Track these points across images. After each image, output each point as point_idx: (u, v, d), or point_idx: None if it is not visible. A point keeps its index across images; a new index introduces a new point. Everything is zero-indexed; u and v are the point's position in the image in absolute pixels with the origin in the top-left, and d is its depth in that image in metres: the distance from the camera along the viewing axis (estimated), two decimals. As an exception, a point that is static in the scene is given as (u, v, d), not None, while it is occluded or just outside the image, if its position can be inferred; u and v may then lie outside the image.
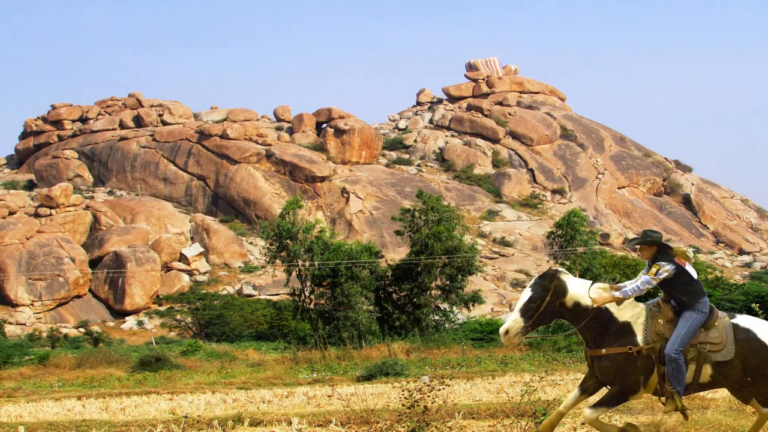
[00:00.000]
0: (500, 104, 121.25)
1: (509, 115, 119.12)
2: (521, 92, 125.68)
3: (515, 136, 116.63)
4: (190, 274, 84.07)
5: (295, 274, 51.73)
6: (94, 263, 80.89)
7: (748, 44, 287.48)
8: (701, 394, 15.25)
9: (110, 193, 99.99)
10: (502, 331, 10.75)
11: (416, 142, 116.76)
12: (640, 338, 10.60)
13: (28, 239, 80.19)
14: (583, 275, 48.52)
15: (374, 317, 50.06)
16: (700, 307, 10.66)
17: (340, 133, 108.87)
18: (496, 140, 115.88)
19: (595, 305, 10.65)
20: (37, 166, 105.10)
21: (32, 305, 75.70)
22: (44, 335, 66.48)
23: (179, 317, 69.90)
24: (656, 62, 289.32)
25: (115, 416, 19.11)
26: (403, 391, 12.56)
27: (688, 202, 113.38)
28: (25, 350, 46.70)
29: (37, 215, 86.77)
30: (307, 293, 51.27)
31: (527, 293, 10.77)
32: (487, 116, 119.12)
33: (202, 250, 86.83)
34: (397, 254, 73.28)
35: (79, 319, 75.21)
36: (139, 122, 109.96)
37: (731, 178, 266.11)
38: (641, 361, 10.54)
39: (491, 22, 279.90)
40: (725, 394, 13.31)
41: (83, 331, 71.37)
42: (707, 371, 10.59)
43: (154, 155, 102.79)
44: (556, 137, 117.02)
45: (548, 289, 10.71)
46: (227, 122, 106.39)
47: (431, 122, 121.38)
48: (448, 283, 52.11)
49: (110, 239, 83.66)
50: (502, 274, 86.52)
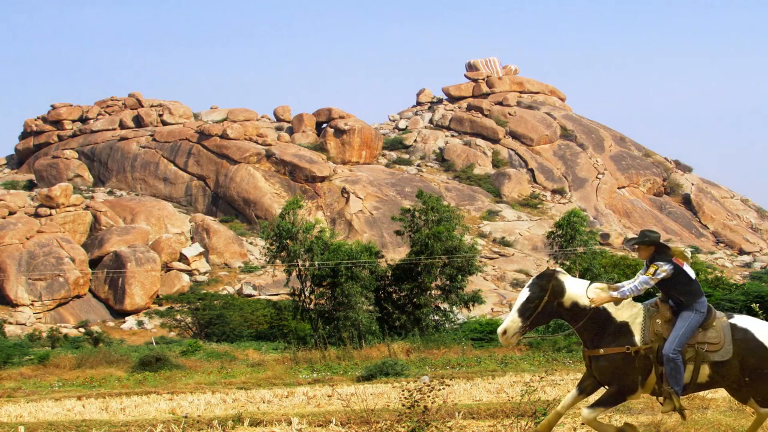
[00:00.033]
0: (500, 104, 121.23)
1: (509, 115, 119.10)
2: (521, 92, 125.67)
3: (515, 136, 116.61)
4: (190, 274, 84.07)
5: (295, 274, 51.71)
6: (94, 263, 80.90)
7: (748, 44, 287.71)
8: (701, 394, 15.24)
9: (110, 193, 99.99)
10: (500, 331, 10.76)
11: (416, 142, 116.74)
12: (638, 338, 10.60)
13: (28, 239, 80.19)
14: (583, 275, 48.51)
15: (374, 317, 50.03)
16: (698, 307, 10.65)
17: (340, 133, 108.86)
18: (496, 140, 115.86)
19: (593, 305, 10.65)
20: (37, 166, 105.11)
21: (32, 305, 75.70)
22: (44, 335, 66.48)
23: (179, 317, 69.88)
24: (656, 62, 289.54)
25: (115, 416, 19.11)
26: (403, 391, 12.55)
27: (688, 202, 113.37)
28: (25, 350, 46.68)
29: (37, 215, 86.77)
30: (307, 293, 51.24)
31: (525, 293, 10.77)
32: (487, 116, 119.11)
33: (202, 250, 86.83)
34: (397, 254, 73.27)
35: (79, 319, 75.22)
36: (139, 122, 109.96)
37: (731, 178, 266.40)
38: (639, 361, 10.54)
39: (491, 22, 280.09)
40: (725, 394, 13.29)
41: (83, 331, 71.37)
42: (705, 371, 10.59)
43: (154, 155, 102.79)
44: (556, 137, 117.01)
45: (546, 289, 10.71)
46: (227, 122, 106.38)
47: (431, 122, 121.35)
48: (448, 283, 52.06)
49: (110, 239, 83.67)
50: (502, 274, 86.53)
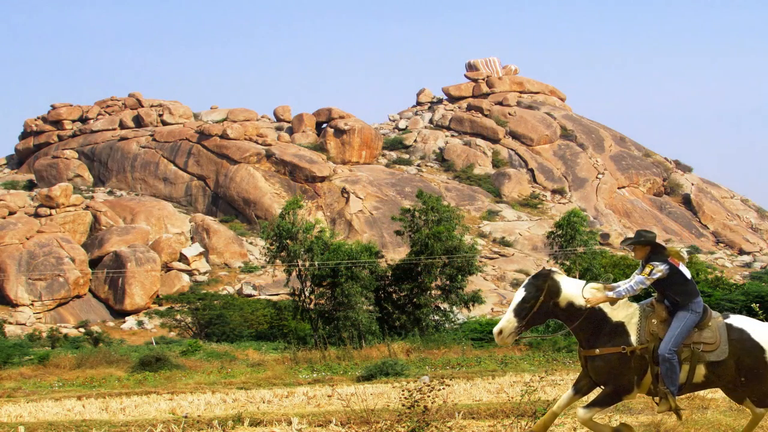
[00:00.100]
0: (500, 104, 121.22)
1: (509, 115, 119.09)
2: (521, 92, 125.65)
3: (515, 136, 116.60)
4: (190, 274, 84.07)
5: (295, 274, 51.71)
6: (94, 263, 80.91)
7: (748, 44, 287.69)
8: (701, 394, 15.24)
9: (110, 193, 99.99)
10: (495, 331, 10.77)
11: (416, 142, 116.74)
12: (633, 338, 10.60)
13: (28, 239, 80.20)
14: (583, 275, 48.53)
15: (374, 317, 50.03)
16: (693, 307, 10.65)
17: (340, 133, 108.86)
18: (496, 140, 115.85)
19: (588, 305, 10.65)
20: (37, 166, 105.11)
21: (32, 305, 75.70)
22: (44, 335, 66.48)
23: (179, 317, 69.89)
24: (656, 62, 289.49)
25: (115, 416, 19.11)
26: (403, 391, 12.55)
27: (688, 202, 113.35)
28: (25, 350, 46.69)
29: (37, 215, 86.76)
30: (307, 293, 51.24)
31: (521, 293, 10.77)
32: (487, 116, 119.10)
33: (202, 250, 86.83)
34: (397, 254, 73.27)
35: (79, 319, 75.22)
36: (139, 122, 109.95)
37: (731, 178, 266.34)
38: (635, 361, 10.54)
39: (491, 22, 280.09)
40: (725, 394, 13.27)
41: (83, 331, 71.38)
42: (701, 371, 10.59)
43: (154, 155, 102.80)
44: (556, 137, 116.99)
45: (542, 289, 10.71)
46: (227, 122, 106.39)
47: (431, 122, 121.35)
48: (448, 283, 52.06)
49: (110, 239, 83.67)
50: (502, 274, 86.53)
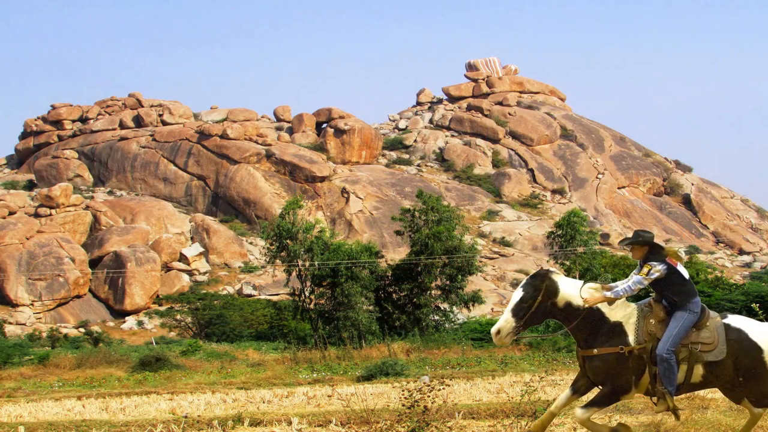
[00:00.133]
0: (500, 104, 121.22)
1: (509, 115, 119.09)
2: (521, 92, 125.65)
3: (515, 136, 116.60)
4: (190, 274, 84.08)
5: (295, 274, 51.72)
6: (94, 263, 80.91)
7: (748, 44, 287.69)
8: (701, 394, 15.23)
9: (110, 193, 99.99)
10: (493, 331, 10.76)
11: (416, 142, 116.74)
12: (631, 338, 10.59)
13: (28, 239, 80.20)
14: (583, 275, 48.55)
15: (374, 317, 50.04)
16: (691, 307, 10.64)
17: (340, 133, 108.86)
18: (496, 140, 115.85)
19: (586, 305, 10.65)
20: (37, 166, 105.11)
21: (32, 305, 75.71)
22: (44, 335, 66.49)
23: (179, 317, 69.90)
24: (656, 62, 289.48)
25: (115, 416, 19.11)
26: (403, 391, 12.55)
27: (688, 202, 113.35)
28: (25, 350, 46.69)
29: (37, 215, 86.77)
30: (307, 293, 51.25)
31: (519, 293, 10.75)
32: (487, 116, 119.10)
33: (202, 250, 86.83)
34: (397, 254, 73.27)
35: (79, 319, 75.22)
36: (139, 122, 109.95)
37: (731, 178, 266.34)
38: (633, 361, 10.54)
39: (491, 22, 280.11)
40: (723, 394, 13.26)
41: (83, 331, 71.38)
42: (699, 371, 10.59)
43: (154, 155, 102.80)
44: (556, 137, 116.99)
45: (540, 289, 10.70)
46: (227, 122, 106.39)
47: (431, 122, 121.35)
48: (448, 283, 52.06)
49: (110, 239, 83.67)
50: (502, 274, 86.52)
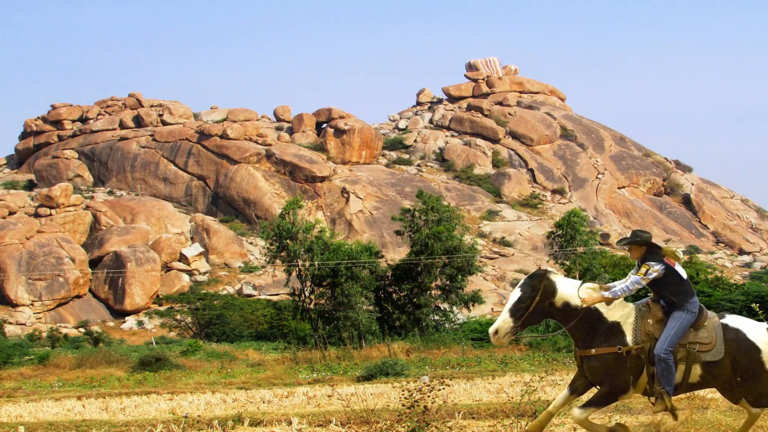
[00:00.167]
0: (500, 104, 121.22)
1: (509, 115, 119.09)
2: (521, 92, 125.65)
3: (515, 136, 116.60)
4: (190, 274, 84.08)
5: (295, 274, 51.74)
6: (94, 263, 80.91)
7: (748, 44, 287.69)
8: (701, 394, 15.22)
9: (110, 193, 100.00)
10: (491, 331, 10.75)
11: (416, 142, 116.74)
12: (629, 338, 10.58)
13: (28, 239, 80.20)
14: (583, 275, 48.57)
15: (374, 317, 50.06)
16: (689, 307, 10.63)
17: (340, 133, 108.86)
18: (496, 140, 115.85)
19: (584, 305, 10.64)
20: (37, 166, 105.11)
21: (32, 305, 75.71)
22: (44, 335, 66.50)
23: (179, 317, 69.92)
24: (656, 62, 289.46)
25: (115, 416, 19.11)
26: (403, 391, 12.54)
27: (688, 202, 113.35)
28: (25, 350, 46.73)
29: (37, 215, 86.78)
30: (307, 293, 51.26)
31: (517, 293, 10.74)
32: (487, 116, 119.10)
33: (202, 250, 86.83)
34: (397, 254, 73.27)
35: (79, 319, 75.23)
36: (139, 122, 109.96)
37: (731, 178, 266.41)
38: (631, 361, 10.53)
39: (491, 22, 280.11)
40: (720, 394, 13.27)
41: (83, 331, 71.39)
42: (697, 371, 10.58)
43: (154, 155, 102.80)
44: (556, 137, 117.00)
45: (538, 289, 10.68)
46: (227, 122, 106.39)
47: (431, 122, 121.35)
48: (448, 283, 52.07)
49: (110, 239, 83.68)
50: (502, 274, 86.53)
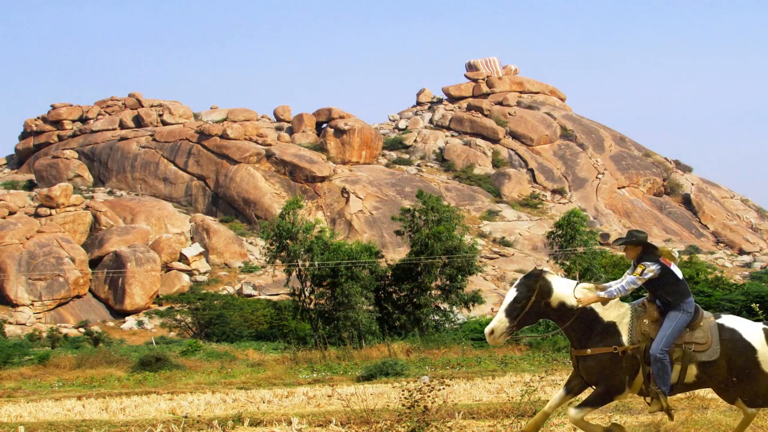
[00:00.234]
0: (500, 104, 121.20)
1: (509, 115, 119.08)
2: (521, 92, 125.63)
3: (515, 136, 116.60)
4: (190, 274, 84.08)
5: (295, 274, 51.75)
6: (94, 263, 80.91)
7: (748, 44, 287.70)
8: (701, 394, 15.23)
9: (110, 193, 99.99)
10: (487, 331, 10.77)
11: (416, 142, 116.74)
12: (625, 338, 10.58)
13: (28, 239, 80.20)
14: (583, 275, 48.58)
15: (374, 317, 50.07)
16: (685, 307, 10.64)
17: (340, 133, 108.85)
18: (496, 140, 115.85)
19: (580, 305, 10.64)
20: (37, 166, 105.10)
21: (32, 305, 75.71)
22: (44, 335, 66.51)
23: (179, 317, 69.93)
24: (656, 62, 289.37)
25: (115, 416, 19.12)
26: (403, 391, 12.55)
27: (688, 202, 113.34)
28: (25, 350, 46.75)
29: (37, 215, 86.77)
30: (307, 293, 51.27)
31: (512, 293, 10.77)
32: (487, 116, 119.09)
33: (202, 250, 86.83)
34: (397, 254, 73.27)
35: (79, 319, 75.23)
36: (139, 122, 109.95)
37: (731, 178, 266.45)
38: (626, 361, 10.53)
39: (491, 22, 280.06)
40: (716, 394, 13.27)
41: (83, 331, 71.40)
42: (692, 371, 10.58)
43: (154, 155, 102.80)
44: (556, 137, 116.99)
45: (533, 289, 10.70)
46: (227, 122, 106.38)
47: (431, 122, 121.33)
48: (448, 283, 52.08)
49: (110, 239, 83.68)
50: (502, 274, 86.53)
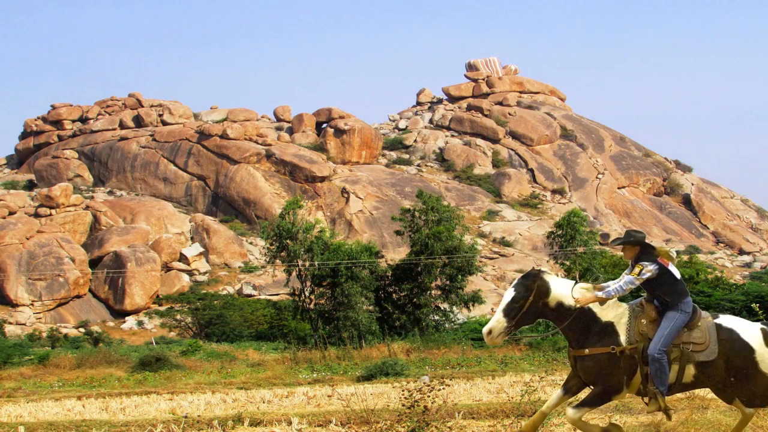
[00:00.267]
0: (500, 104, 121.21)
1: (509, 115, 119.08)
2: (521, 92, 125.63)
3: (515, 136, 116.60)
4: (190, 274, 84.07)
5: (295, 274, 51.77)
6: (94, 263, 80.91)
7: (748, 44, 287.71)
8: (701, 394, 15.23)
9: (110, 193, 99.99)
10: (485, 331, 10.77)
11: (416, 142, 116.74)
12: (623, 338, 10.59)
13: (28, 239, 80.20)
14: (583, 275, 48.60)
15: (374, 317, 50.08)
16: (683, 307, 10.64)
17: (340, 133, 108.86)
18: (496, 140, 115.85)
19: (578, 305, 10.65)
20: (37, 166, 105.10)
21: (32, 305, 75.71)
22: (44, 335, 66.51)
23: (179, 317, 69.93)
24: (656, 62, 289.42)
25: (115, 416, 19.12)
26: (403, 391, 12.56)
27: (688, 202, 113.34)
28: (25, 350, 46.76)
29: (37, 215, 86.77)
30: (307, 293, 51.29)
31: (510, 293, 10.74)
32: (487, 116, 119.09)
33: (202, 250, 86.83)
34: (397, 254, 73.27)
35: (79, 319, 75.22)
36: (139, 122, 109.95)
37: (731, 178, 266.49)
38: (624, 361, 10.54)
39: (491, 22, 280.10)
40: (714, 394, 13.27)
41: (83, 331, 71.39)
42: (690, 371, 10.58)
43: (154, 155, 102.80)
44: (556, 137, 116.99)
45: (531, 289, 10.69)
46: (227, 122, 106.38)
47: (431, 122, 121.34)
48: (448, 283, 52.10)
49: (110, 239, 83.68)
50: (502, 274, 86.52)
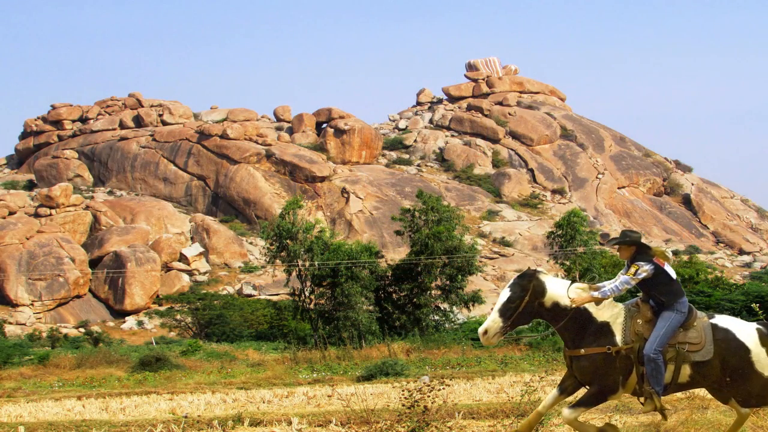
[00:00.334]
0: (500, 104, 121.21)
1: (509, 115, 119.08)
2: (521, 92, 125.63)
3: (515, 136, 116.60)
4: (190, 274, 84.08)
5: (295, 274, 51.78)
6: (94, 263, 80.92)
7: (748, 44, 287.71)
8: (701, 394, 15.23)
9: (110, 193, 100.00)
10: (480, 331, 10.75)
11: (416, 142, 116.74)
12: (619, 338, 10.58)
13: (28, 239, 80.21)
14: (582, 275, 48.59)
15: (374, 317, 50.09)
16: (678, 307, 10.63)
17: (340, 133, 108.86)
18: (496, 140, 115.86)
19: (574, 305, 10.64)
20: (37, 166, 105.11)
21: (32, 305, 75.71)
22: (44, 335, 66.51)
23: (179, 317, 69.94)
24: (656, 62, 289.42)
25: (115, 416, 19.13)
26: (403, 391, 12.55)
27: (688, 202, 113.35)
28: (25, 350, 46.77)
29: (37, 215, 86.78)
30: (307, 293, 51.30)
31: (506, 293, 10.72)
32: (487, 116, 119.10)
33: (202, 250, 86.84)
34: (397, 254, 73.28)
35: (79, 319, 75.23)
36: (139, 122, 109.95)
37: (731, 178, 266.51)
38: (620, 361, 10.53)
39: (491, 22, 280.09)
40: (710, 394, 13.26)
41: (83, 331, 71.40)
42: (686, 371, 10.57)
43: (154, 155, 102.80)
44: (556, 137, 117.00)
45: (527, 289, 10.67)
46: (227, 122, 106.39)
47: (431, 122, 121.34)
48: (448, 283, 52.11)
49: (110, 239, 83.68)
50: (502, 274, 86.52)
